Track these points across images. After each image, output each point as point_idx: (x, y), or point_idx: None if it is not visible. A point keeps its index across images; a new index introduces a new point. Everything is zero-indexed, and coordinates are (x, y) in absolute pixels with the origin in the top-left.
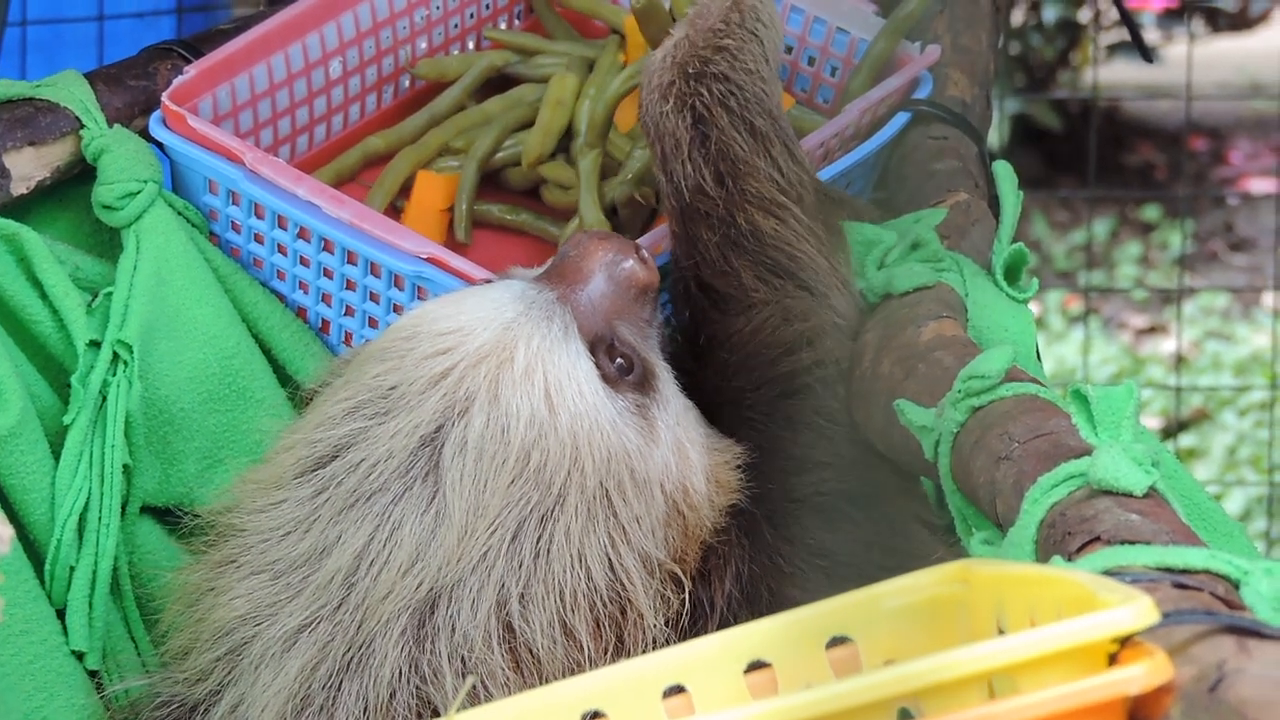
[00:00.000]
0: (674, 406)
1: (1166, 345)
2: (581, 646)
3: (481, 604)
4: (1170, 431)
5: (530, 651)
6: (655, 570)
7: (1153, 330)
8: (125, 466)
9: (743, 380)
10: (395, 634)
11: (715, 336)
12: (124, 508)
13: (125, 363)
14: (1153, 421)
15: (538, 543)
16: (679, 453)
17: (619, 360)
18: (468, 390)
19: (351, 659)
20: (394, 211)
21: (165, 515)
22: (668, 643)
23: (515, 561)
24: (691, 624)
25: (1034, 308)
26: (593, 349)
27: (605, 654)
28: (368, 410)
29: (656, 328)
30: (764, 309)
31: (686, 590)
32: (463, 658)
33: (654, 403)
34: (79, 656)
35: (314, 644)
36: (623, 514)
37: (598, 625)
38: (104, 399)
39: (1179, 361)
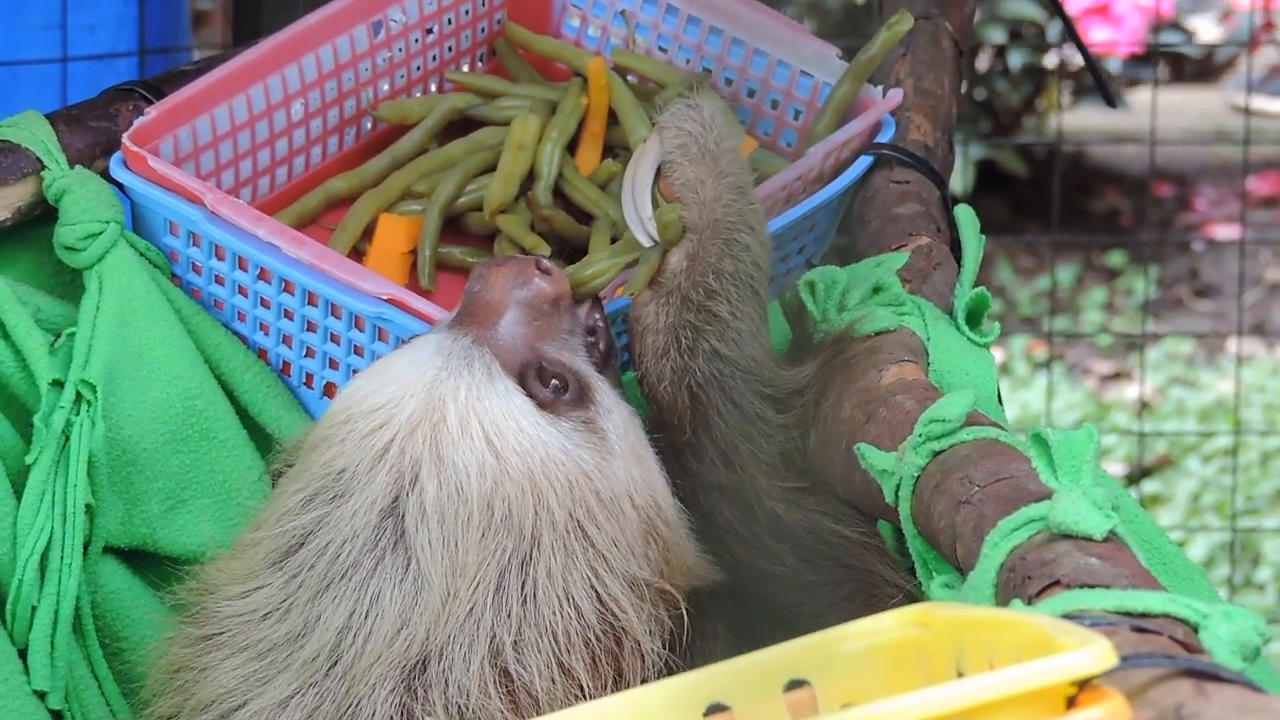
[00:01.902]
0: (619, 413)
1: (1131, 391)
2: (581, 684)
3: (474, 656)
4: (1134, 477)
5: (529, 694)
6: (644, 593)
7: (1117, 376)
8: (88, 506)
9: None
10: (385, 691)
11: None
12: (86, 547)
13: (88, 402)
14: (1117, 467)
15: (522, 589)
16: (638, 460)
17: (552, 382)
18: (411, 459)
19: (342, 716)
20: (356, 255)
21: (128, 555)
22: (669, 666)
23: (503, 611)
24: (692, 644)
25: (998, 353)
26: (522, 379)
27: (605, 688)
28: (323, 497)
29: (581, 333)
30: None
31: (683, 606)
32: (459, 705)
33: (598, 414)
34: (41, 696)
35: (303, 708)
36: (599, 541)
37: (594, 661)
38: (67, 439)
39: (1143, 407)
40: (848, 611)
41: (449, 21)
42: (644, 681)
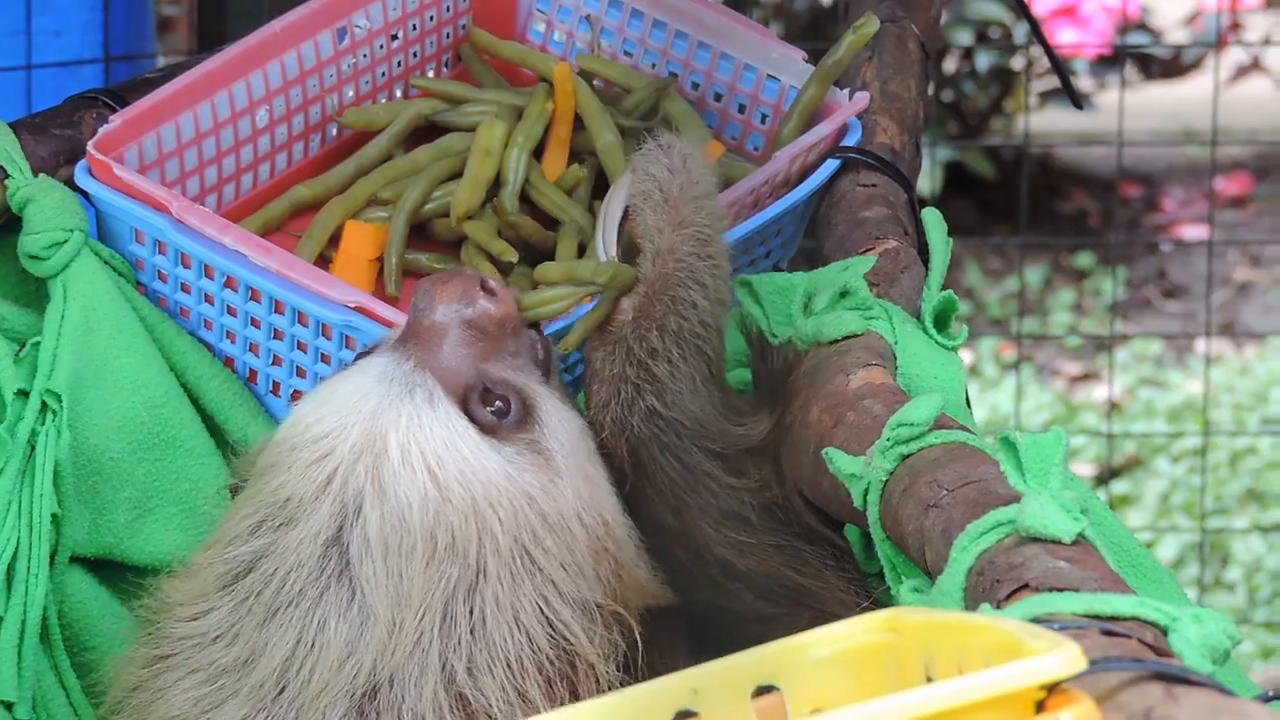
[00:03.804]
0: (566, 430)
1: (1100, 392)
2: (537, 708)
3: (426, 683)
4: (1103, 478)
5: (489, 716)
6: (595, 614)
7: (1086, 377)
8: (54, 516)
9: None
10: (336, 717)
11: None
12: (53, 557)
13: (54, 412)
14: (1086, 468)
15: (470, 617)
16: (586, 478)
17: (496, 404)
18: (354, 490)
19: None
20: (323, 262)
21: (95, 565)
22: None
23: (453, 639)
24: (654, 661)
25: (967, 355)
26: (465, 402)
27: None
28: (270, 524)
29: (528, 349)
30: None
31: (635, 628)
32: None
33: (543, 434)
34: (8, 706)
35: None
36: (546, 565)
37: (549, 684)
38: (32, 448)
39: (1112, 408)
40: None
41: (414, 27)
42: None
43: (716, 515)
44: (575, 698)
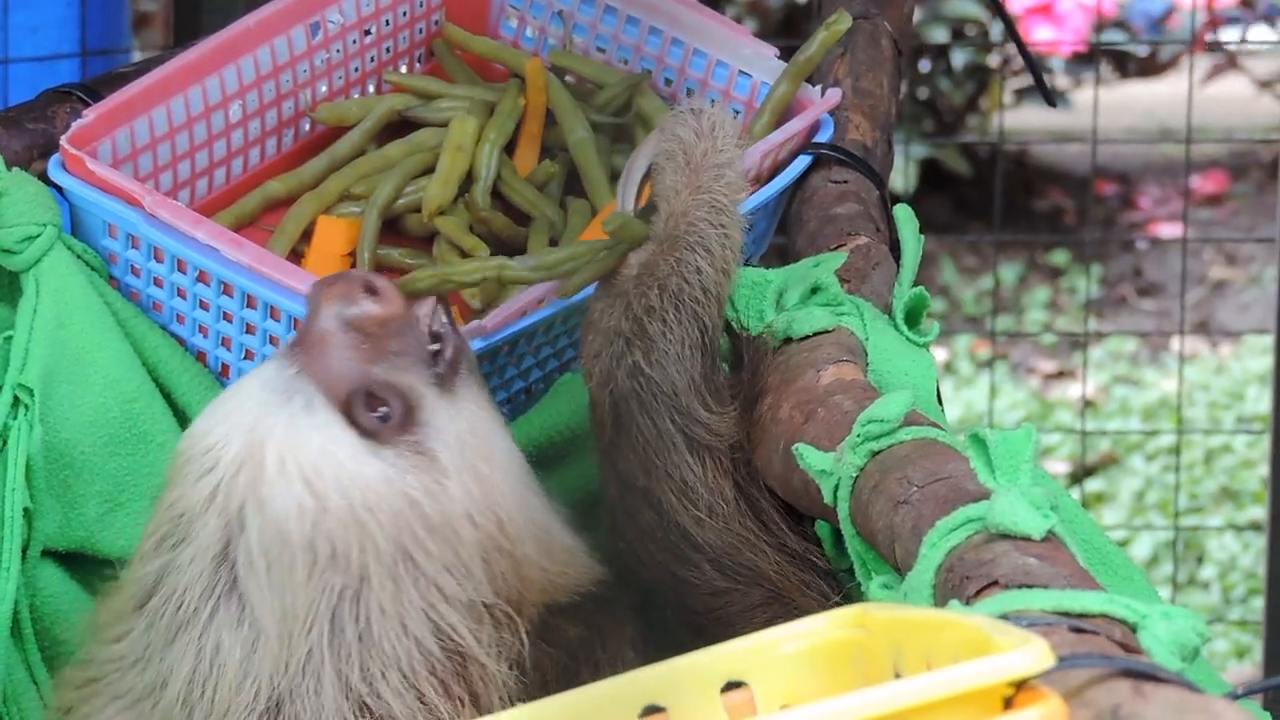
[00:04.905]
0: (456, 428)
1: (1074, 390)
2: (437, 710)
3: (325, 695)
4: (1078, 476)
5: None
6: (484, 615)
7: (1061, 375)
8: (26, 510)
9: None
10: None
11: None
12: (25, 551)
13: (26, 406)
14: (1060, 466)
15: (358, 625)
16: (478, 477)
17: (380, 409)
18: (237, 502)
19: None
20: (295, 257)
21: (67, 559)
22: (521, 688)
23: (344, 652)
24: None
25: (942, 353)
26: (349, 407)
27: (463, 708)
28: (168, 541)
29: (421, 346)
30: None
31: (523, 630)
32: None
33: (427, 434)
34: None
35: None
36: (430, 568)
37: (445, 685)
38: (4, 443)
39: (1087, 406)
40: (760, 620)
41: (387, 23)
42: (501, 702)
43: (680, 484)
44: (474, 698)
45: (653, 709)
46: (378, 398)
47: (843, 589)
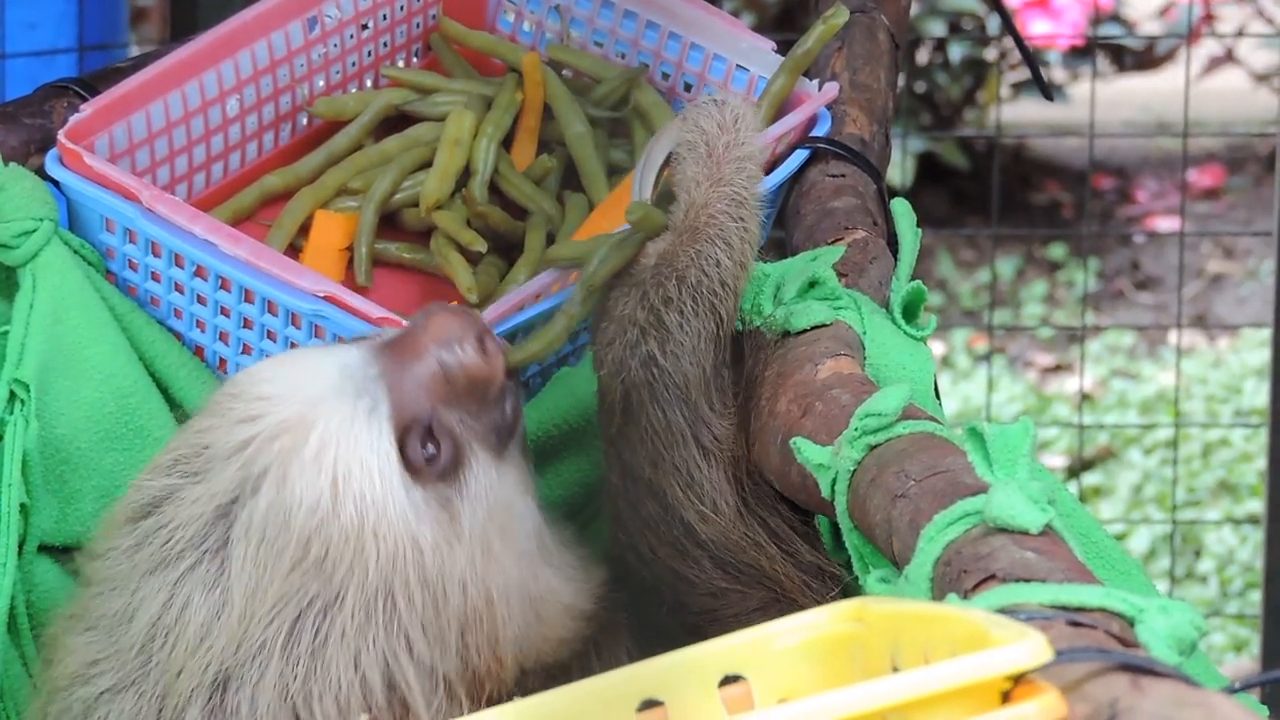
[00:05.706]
0: (488, 503)
1: (1072, 383)
2: None
3: (265, 692)
4: (1075, 470)
5: None
6: (439, 685)
7: (1058, 369)
8: (22, 505)
9: None
10: (196, 710)
11: None
12: (21, 547)
13: (22, 401)
14: (1058, 460)
15: (314, 638)
16: (487, 552)
17: (430, 448)
18: (262, 465)
19: None
20: (293, 252)
21: (63, 554)
22: None
23: (292, 657)
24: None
25: (939, 346)
26: (405, 432)
27: None
28: (184, 467)
29: (487, 412)
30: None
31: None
32: None
33: (458, 495)
34: None
35: (120, 712)
36: (405, 618)
37: None
38: (0, 438)
39: (1084, 400)
40: (758, 622)
41: (384, 17)
42: None
43: (686, 478)
44: None
45: (650, 703)
46: (434, 438)
47: (841, 582)
